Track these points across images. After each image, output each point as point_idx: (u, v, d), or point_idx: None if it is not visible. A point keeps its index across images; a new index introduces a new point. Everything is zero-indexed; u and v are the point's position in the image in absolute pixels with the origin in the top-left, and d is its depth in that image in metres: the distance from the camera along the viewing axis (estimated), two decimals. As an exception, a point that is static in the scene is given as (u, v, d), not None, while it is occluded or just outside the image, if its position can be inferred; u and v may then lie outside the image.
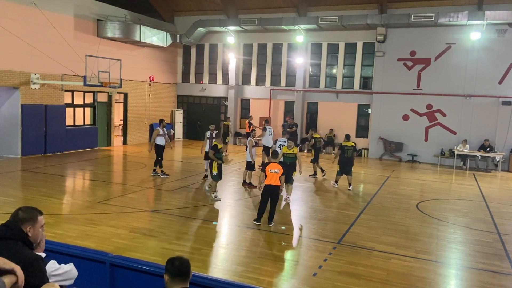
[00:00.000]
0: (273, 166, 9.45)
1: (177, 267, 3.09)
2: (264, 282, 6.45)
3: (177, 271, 3.09)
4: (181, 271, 3.09)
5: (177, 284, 3.08)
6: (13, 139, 17.08)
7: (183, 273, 3.09)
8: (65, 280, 3.31)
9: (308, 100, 23.67)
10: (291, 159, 11.92)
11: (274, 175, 9.34)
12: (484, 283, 6.76)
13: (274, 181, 9.34)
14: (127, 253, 7.06)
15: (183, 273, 3.09)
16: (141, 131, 23.78)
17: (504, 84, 19.43)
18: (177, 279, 3.08)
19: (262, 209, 9.47)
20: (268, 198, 9.40)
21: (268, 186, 9.38)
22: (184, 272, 3.10)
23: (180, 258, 3.17)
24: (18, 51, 16.60)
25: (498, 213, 11.36)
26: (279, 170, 9.35)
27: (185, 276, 3.10)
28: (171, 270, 3.10)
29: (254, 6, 23.39)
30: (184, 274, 3.10)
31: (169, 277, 3.09)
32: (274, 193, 9.37)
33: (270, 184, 9.35)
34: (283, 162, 11.45)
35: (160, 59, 24.82)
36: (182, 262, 3.12)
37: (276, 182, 9.34)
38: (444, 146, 20.47)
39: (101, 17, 20.26)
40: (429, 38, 20.46)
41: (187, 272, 3.11)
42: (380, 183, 14.95)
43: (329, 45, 22.95)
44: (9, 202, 10.27)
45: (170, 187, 12.91)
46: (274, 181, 9.34)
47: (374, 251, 7.93)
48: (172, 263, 3.12)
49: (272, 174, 9.36)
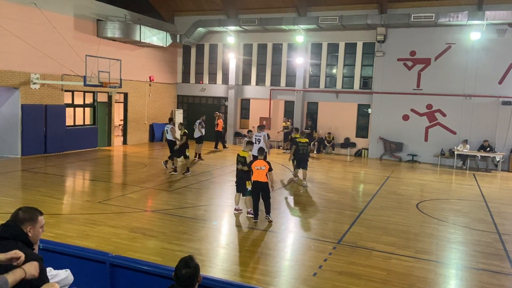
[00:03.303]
0: (258, 163, 9.55)
1: (181, 276, 3.11)
2: (264, 282, 6.44)
3: (181, 281, 3.12)
4: (184, 282, 3.11)
5: None
6: (13, 139, 17.08)
7: (184, 284, 3.12)
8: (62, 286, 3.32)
9: (308, 100, 23.67)
10: (304, 147, 13.64)
11: (260, 172, 9.45)
12: (484, 283, 6.75)
13: (261, 177, 9.45)
14: (127, 253, 7.06)
15: (184, 284, 3.12)
16: (141, 131, 23.78)
17: (504, 84, 19.43)
18: (178, 286, 3.14)
19: (256, 206, 9.61)
20: (258, 194, 9.55)
21: (255, 183, 9.54)
22: (187, 284, 3.12)
23: (188, 268, 3.12)
24: (18, 51, 16.60)
25: (498, 213, 11.36)
26: (264, 167, 9.45)
27: (186, 286, 3.13)
28: (177, 276, 3.13)
29: (254, 6, 23.39)
30: (184, 285, 3.12)
31: (175, 280, 3.14)
32: (263, 189, 9.49)
33: (257, 180, 9.49)
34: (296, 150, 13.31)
35: (160, 59, 24.82)
36: (184, 274, 3.10)
37: (262, 178, 9.44)
38: (444, 146, 20.47)
39: (101, 17, 20.26)
40: (429, 38, 20.46)
41: (189, 283, 3.13)
42: (380, 183, 14.95)
43: (329, 45, 22.95)
44: (9, 202, 10.27)
45: (170, 187, 12.91)
46: (260, 178, 9.45)
47: (374, 251, 7.93)
48: (180, 270, 3.11)
49: (258, 171, 9.47)
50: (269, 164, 9.53)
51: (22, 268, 2.82)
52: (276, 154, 20.62)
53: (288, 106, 24.17)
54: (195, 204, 11.04)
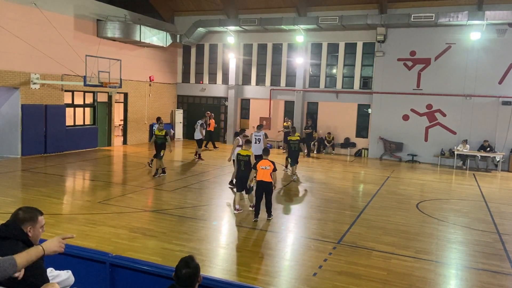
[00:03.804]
0: (264, 163, 9.66)
1: (182, 276, 3.12)
2: (264, 282, 6.44)
3: (181, 281, 3.13)
4: (184, 282, 3.12)
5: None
6: (13, 139, 17.08)
7: (184, 283, 3.13)
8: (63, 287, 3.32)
9: (308, 100, 23.66)
10: (295, 145, 14.41)
11: (265, 172, 9.56)
12: (484, 283, 6.75)
13: (266, 177, 9.55)
14: (127, 253, 7.06)
15: (184, 284, 3.13)
16: (141, 131, 23.78)
17: (504, 84, 19.42)
18: (178, 285, 3.15)
19: (257, 206, 9.72)
20: (261, 194, 9.68)
21: (259, 182, 9.65)
22: (185, 283, 3.13)
23: (188, 268, 3.14)
24: (18, 51, 16.60)
25: (498, 213, 11.36)
26: (269, 167, 9.56)
27: (186, 286, 3.14)
28: (178, 276, 3.14)
29: (254, 6, 23.39)
30: (184, 285, 3.13)
31: (175, 280, 3.15)
32: (267, 188, 9.61)
33: (262, 180, 9.60)
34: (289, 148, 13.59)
35: (160, 59, 24.82)
36: (185, 274, 3.11)
37: (267, 178, 9.55)
38: (444, 146, 20.47)
39: (101, 17, 20.26)
40: (429, 38, 20.46)
41: (189, 283, 3.13)
42: (380, 183, 14.95)
43: (329, 45, 22.95)
44: (9, 202, 10.27)
45: (170, 187, 12.91)
46: (265, 177, 9.56)
47: (374, 251, 7.93)
48: (180, 270, 3.13)
49: (263, 171, 9.58)
50: (273, 164, 9.66)
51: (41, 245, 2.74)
52: (276, 154, 20.61)
53: (288, 106, 24.17)
54: (195, 204, 11.04)
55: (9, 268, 2.50)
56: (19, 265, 2.56)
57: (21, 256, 2.61)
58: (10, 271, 2.50)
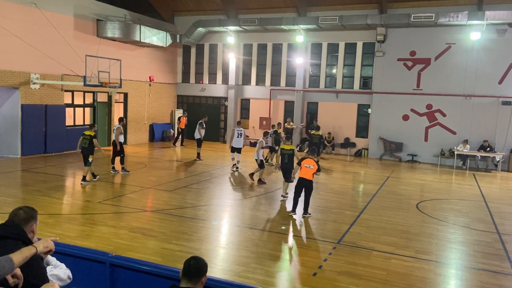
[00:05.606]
0: (308, 162, 10.10)
1: (186, 266, 3.14)
2: (264, 282, 6.44)
3: (185, 270, 3.14)
4: (189, 271, 3.12)
5: (184, 282, 3.13)
6: (13, 139, 17.07)
7: (190, 273, 3.12)
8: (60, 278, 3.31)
9: (308, 100, 23.66)
10: (289, 155, 11.66)
11: (308, 170, 10.03)
12: (484, 283, 6.75)
13: (307, 175, 10.01)
14: (127, 253, 7.06)
15: (189, 274, 3.12)
16: (141, 131, 23.78)
17: (504, 84, 19.43)
18: (183, 277, 3.14)
19: (295, 200, 10.22)
20: (300, 190, 10.13)
21: (301, 179, 10.12)
22: (191, 273, 3.12)
23: (196, 259, 3.19)
24: (18, 51, 16.60)
25: (498, 213, 11.36)
26: (313, 166, 10.02)
27: (191, 277, 3.13)
28: (183, 266, 3.17)
29: (254, 6, 23.39)
30: (189, 275, 3.12)
31: (182, 270, 3.17)
32: (307, 186, 10.06)
33: (303, 177, 10.05)
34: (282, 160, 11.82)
35: (160, 59, 24.82)
36: (193, 264, 3.15)
37: (309, 176, 10.01)
38: (444, 146, 20.48)
39: (101, 17, 20.26)
40: (429, 38, 20.46)
41: (195, 274, 3.13)
42: (380, 183, 14.95)
43: (329, 45, 22.95)
44: (9, 202, 10.26)
45: (170, 187, 12.91)
46: (307, 175, 10.02)
47: (374, 251, 7.93)
48: (189, 260, 3.18)
49: (307, 169, 10.05)
50: (318, 165, 10.08)
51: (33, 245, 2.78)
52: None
53: (288, 106, 24.16)
54: (195, 204, 11.04)
55: (6, 266, 2.53)
56: (16, 264, 2.60)
57: (16, 255, 2.64)
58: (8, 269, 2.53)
